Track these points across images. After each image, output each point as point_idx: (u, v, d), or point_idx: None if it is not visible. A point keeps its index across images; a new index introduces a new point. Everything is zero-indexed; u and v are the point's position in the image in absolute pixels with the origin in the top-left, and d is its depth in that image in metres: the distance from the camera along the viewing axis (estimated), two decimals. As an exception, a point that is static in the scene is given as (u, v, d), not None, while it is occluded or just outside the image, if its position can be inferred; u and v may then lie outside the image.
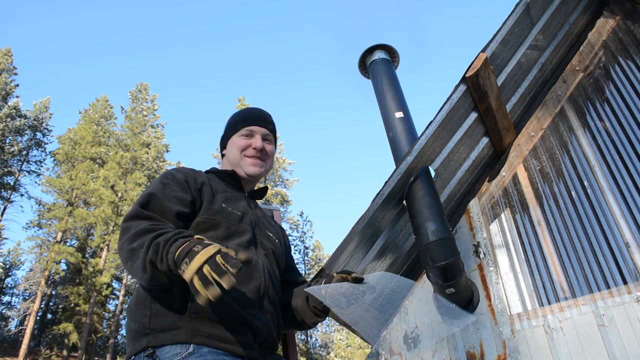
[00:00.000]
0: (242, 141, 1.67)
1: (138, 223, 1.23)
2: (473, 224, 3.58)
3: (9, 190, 26.51)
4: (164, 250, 1.11)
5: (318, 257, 40.14)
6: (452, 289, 2.95)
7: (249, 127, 1.68)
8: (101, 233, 24.54)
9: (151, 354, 1.19)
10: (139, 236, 1.18)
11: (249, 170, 1.64)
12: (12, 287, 31.34)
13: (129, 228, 1.23)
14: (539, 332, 2.90)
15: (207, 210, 1.42)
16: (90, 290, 23.65)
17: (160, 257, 1.11)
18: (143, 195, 1.35)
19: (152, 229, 1.19)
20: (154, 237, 1.15)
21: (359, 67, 4.39)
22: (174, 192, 1.38)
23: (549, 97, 3.92)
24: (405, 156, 3.11)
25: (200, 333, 1.21)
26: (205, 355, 1.18)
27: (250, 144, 1.66)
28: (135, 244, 1.17)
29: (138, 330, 1.25)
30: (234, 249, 1.12)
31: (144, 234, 1.18)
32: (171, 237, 1.13)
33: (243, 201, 1.59)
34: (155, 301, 1.27)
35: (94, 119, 29.14)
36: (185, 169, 1.55)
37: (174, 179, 1.44)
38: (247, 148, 1.66)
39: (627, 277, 2.80)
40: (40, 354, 24.48)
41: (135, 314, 1.29)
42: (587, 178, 3.33)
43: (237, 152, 1.66)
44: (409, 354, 3.39)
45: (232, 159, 1.67)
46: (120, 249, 1.22)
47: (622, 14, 3.95)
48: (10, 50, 28.36)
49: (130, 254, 1.17)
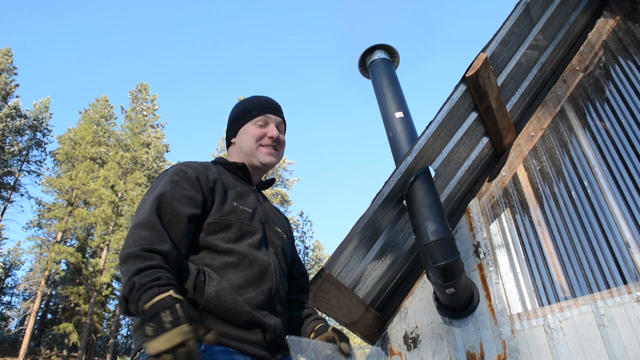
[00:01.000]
0: (258, 130, 1.61)
1: (138, 234, 1.22)
2: (473, 224, 3.58)
3: (9, 190, 26.52)
4: (136, 293, 1.09)
5: (318, 257, 40.14)
6: (452, 289, 2.95)
7: (264, 115, 1.63)
8: (101, 233, 24.55)
9: None
10: (128, 260, 1.17)
11: (265, 159, 1.59)
12: (12, 287, 31.36)
13: (131, 237, 1.22)
14: (539, 332, 2.90)
15: (219, 211, 1.39)
16: (90, 290, 23.65)
17: (132, 300, 1.10)
18: (154, 198, 1.30)
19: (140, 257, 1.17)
20: (134, 273, 1.13)
21: (359, 67, 4.39)
22: (185, 191, 1.35)
23: (549, 97, 3.92)
24: (405, 156, 3.11)
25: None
26: (216, 354, 1.17)
27: (265, 132, 1.61)
28: (124, 269, 1.17)
29: None
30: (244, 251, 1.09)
31: (134, 259, 1.17)
32: (145, 284, 1.10)
33: (252, 195, 1.57)
34: None
35: (94, 119, 29.15)
36: (196, 163, 1.49)
37: (185, 175, 1.40)
38: (263, 137, 1.61)
39: (627, 277, 2.80)
40: (40, 354, 24.48)
41: None
42: (587, 178, 3.33)
43: (252, 141, 1.60)
44: (409, 354, 3.39)
45: (245, 148, 1.61)
46: (120, 255, 1.21)
47: (622, 14, 3.95)
48: (10, 50, 28.36)
49: (121, 272, 1.19)
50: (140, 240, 1.20)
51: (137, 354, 1.24)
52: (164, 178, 1.39)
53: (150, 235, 1.22)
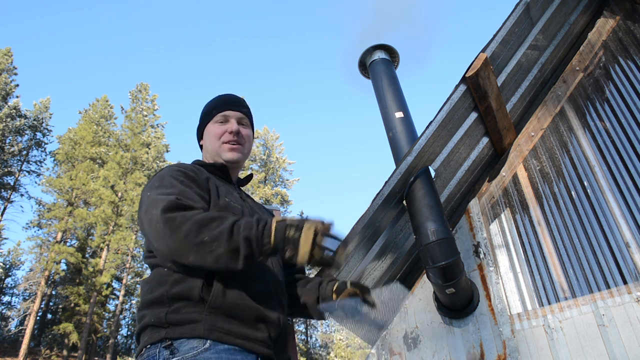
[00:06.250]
0: (218, 128, 1.62)
1: (184, 214, 1.20)
2: (473, 224, 3.58)
3: (9, 190, 26.52)
4: (257, 240, 1.16)
5: (318, 257, 40.10)
6: (452, 289, 2.95)
7: (222, 113, 1.63)
8: (101, 233, 24.55)
9: (169, 345, 1.18)
10: (205, 226, 1.17)
11: (228, 156, 1.60)
12: (12, 287, 31.35)
13: (174, 219, 1.19)
14: (539, 332, 2.90)
15: (215, 206, 1.40)
16: (90, 290, 23.65)
17: (256, 248, 1.16)
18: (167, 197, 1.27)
19: (216, 217, 1.19)
20: (229, 232, 1.16)
21: (359, 67, 4.39)
22: (194, 189, 1.36)
23: (549, 97, 3.92)
24: (405, 156, 3.11)
25: (217, 329, 1.21)
26: (221, 352, 1.18)
27: (226, 129, 1.62)
28: (207, 237, 1.15)
29: (155, 324, 1.24)
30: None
31: (212, 222, 1.18)
32: (250, 227, 1.17)
33: (235, 193, 1.58)
34: (173, 297, 1.26)
35: (94, 119, 29.14)
36: (188, 165, 1.51)
37: (187, 176, 1.40)
38: (224, 134, 1.61)
39: (627, 277, 2.80)
40: (40, 354, 24.48)
41: (151, 309, 1.27)
42: (587, 178, 3.33)
43: (214, 139, 1.61)
44: (409, 354, 3.39)
45: (210, 148, 1.63)
46: (178, 244, 1.17)
47: (622, 14, 3.95)
48: (10, 50, 28.36)
49: (200, 246, 1.16)
50: (192, 212, 1.22)
51: (147, 346, 1.23)
52: (166, 179, 1.38)
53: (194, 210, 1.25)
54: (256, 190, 29.62)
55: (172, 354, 1.17)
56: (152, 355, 1.20)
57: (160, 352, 1.18)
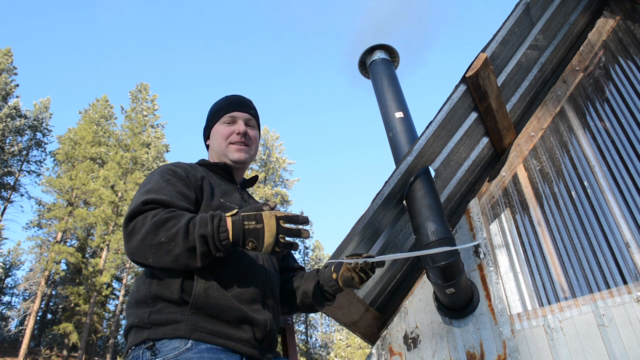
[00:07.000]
0: (225, 129, 1.63)
1: (145, 215, 1.20)
2: (473, 224, 3.58)
3: (9, 190, 26.51)
4: (213, 237, 1.15)
5: (318, 257, 40.15)
6: (452, 289, 2.95)
7: (230, 114, 1.65)
8: (101, 233, 24.54)
9: (151, 346, 1.19)
10: (161, 226, 1.16)
11: (234, 156, 1.60)
12: (12, 287, 31.34)
13: (136, 223, 1.19)
14: (539, 332, 2.90)
15: (208, 207, 1.40)
16: (90, 290, 23.64)
17: (212, 244, 1.15)
18: (143, 192, 1.29)
19: (172, 216, 1.18)
20: (185, 229, 1.15)
21: (359, 67, 4.39)
22: (178, 188, 1.35)
23: (549, 97, 3.92)
24: (405, 156, 3.11)
25: (199, 329, 1.21)
26: (203, 352, 1.17)
27: (233, 130, 1.63)
28: (163, 238, 1.15)
29: (139, 325, 1.24)
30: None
31: (167, 222, 1.17)
32: (205, 223, 1.16)
33: (236, 194, 1.58)
34: (155, 296, 1.26)
35: (94, 119, 29.13)
36: (183, 164, 1.51)
37: (175, 174, 1.40)
38: (231, 134, 1.62)
39: (627, 277, 2.80)
40: (40, 354, 24.48)
41: (136, 309, 1.28)
42: (587, 178, 3.33)
43: (222, 140, 1.62)
44: (409, 354, 3.39)
45: (217, 148, 1.64)
46: (137, 247, 1.17)
47: (622, 14, 3.95)
48: (10, 50, 28.35)
49: (157, 247, 1.15)
50: (153, 213, 1.22)
51: (132, 347, 1.24)
52: (154, 177, 1.39)
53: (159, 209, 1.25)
54: (256, 190, 29.62)
55: (154, 354, 1.17)
56: (136, 356, 1.20)
57: (144, 353, 1.19)
